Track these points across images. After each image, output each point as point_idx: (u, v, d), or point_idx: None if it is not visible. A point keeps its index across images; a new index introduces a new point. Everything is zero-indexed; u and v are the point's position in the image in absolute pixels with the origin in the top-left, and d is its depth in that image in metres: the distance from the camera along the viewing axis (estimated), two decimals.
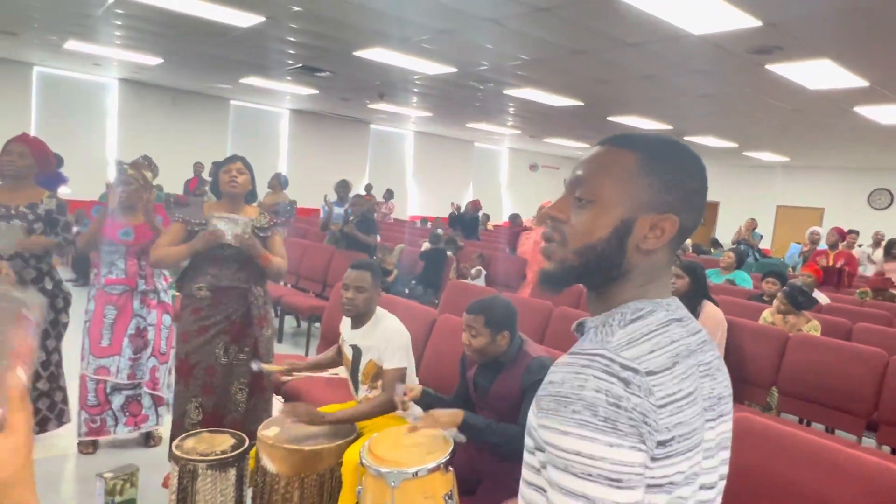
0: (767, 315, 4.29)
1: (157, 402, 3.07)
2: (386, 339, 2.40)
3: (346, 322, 2.55)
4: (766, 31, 4.45)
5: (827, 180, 13.64)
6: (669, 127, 9.90)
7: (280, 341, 5.60)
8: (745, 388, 3.58)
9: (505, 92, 8.29)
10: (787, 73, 5.61)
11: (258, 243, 2.64)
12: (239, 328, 2.72)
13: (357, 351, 2.48)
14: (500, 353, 2.06)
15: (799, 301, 4.05)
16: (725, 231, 13.88)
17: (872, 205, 13.11)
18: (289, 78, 8.97)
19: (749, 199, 14.71)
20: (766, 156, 12.31)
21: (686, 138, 10.94)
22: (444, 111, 10.99)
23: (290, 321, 6.21)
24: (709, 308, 3.52)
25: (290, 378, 3.16)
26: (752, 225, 10.79)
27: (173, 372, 2.80)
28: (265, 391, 2.82)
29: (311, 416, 2.20)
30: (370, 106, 11.06)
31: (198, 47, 7.35)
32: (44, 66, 10.10)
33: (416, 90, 8.93)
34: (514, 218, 8.35)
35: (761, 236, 10.21)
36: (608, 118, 9.74)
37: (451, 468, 1.84)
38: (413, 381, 2.52)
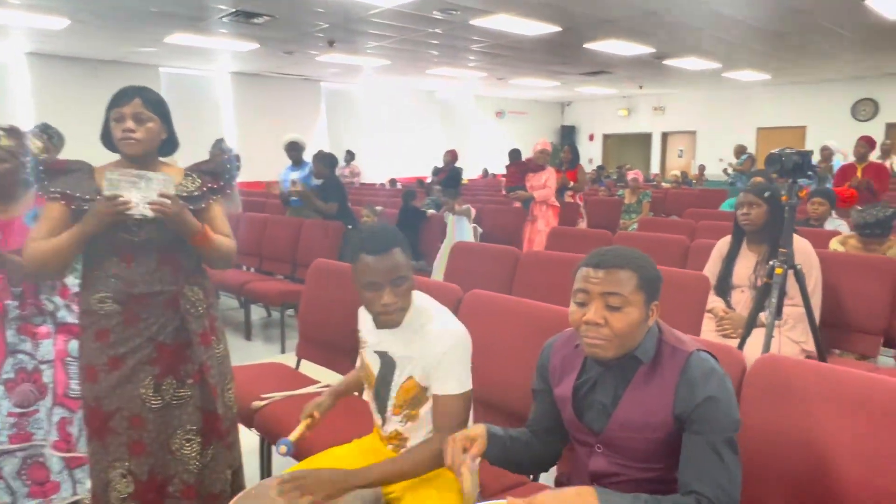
0: (836, 244, 3.54)
1: (72, 463, 2.14)
2: (437, 346, 1.49)
3: (366, 316, 1.63)
4: None
5: (809, 96, 13.01)
6: (651, 49, 9.03)
7: (249, 338, 4.67)
8: (846, 335, 2.83)
9: (472, 22, 7.27)
10: None
11: (188, 210, 1.72)
12: (172, 353, 1.80)
13: (387, 361, 1.58)
14: (637, 346, 1.21)
15: (877, 233, 3.34)
16: (705, 162, 13.25)
17: (857, 116, 12.56)
18: (223, 31, 7.77)
19: (728, 123, 14.06)
20: (747, 75, 11.56)
21: (667, 62, 10.12)
22: (403, 57, 9.88)
23: (257, 311, 5.27)
24: (797, 242, 2.72)
25: (263, 404, 2.27)
26: (741, 150, 10.11)
27: None
28: (226, 435, 1.92)
29: (335, 487, 1.34)
30: (319, 59, 9.88)
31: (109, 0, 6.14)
32: None
33: (371, 31, 7.83)
34: (515, 154, 7.41)
35: (750, 156, 9.57)
36: (585, 45, 8.81)
37: None
38: None
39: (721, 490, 1.08)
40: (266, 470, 2.37)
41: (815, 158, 6.78)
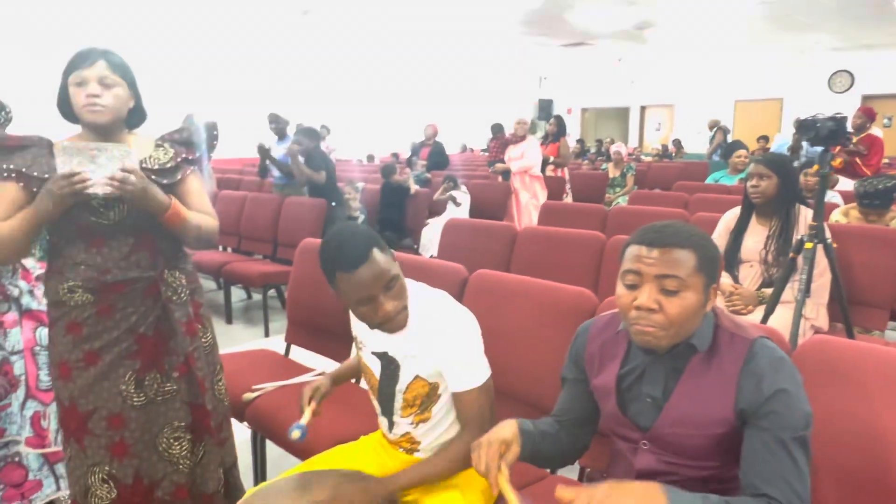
0: (839, 216, 3.48)
1: (51, 458, 1.96)
2: (443, 339, 1.33)
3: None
4: None
5: (786, 67, 13.03)
6: (634, 18, 8.88)
7: (230, 321, 4.48)
8: (853, 308, 2.77)
9: None
10: None
11: (154, 186, 1.51)
12: (154, 344, 1.62)
13: (389, 362, 1.42)
14: (693, 333, 1.07)
15: (875, 204, 3.28)
16: (683, 136, 13.24)
17: (833, 88, 12.63)
18: None
19: (705, 96, 14.04)
20: (725, 45, 11.50)
21: (647, 32, 9.99)
22: (379, 28, 9.57)
23: (236, 293, 5.06)
24: (808, 214, 2.64)
25: (255, 395, 2.11)
26: (714, 125, 10.03)
27: None
28: (218, 431, 1.76)
29: (371, 498, 1.24)
30: (293, 27, 9.52)
31: None
32: None
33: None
34: (497, 128, 7.23)
35: (721, 129, 9.51)
36: (565, 15, 8.62)
37: None
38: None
39: (794, 494, 0.96)
40: (260, 466, 2.22)
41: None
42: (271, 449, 2.13)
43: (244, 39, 10.76)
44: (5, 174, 1.49)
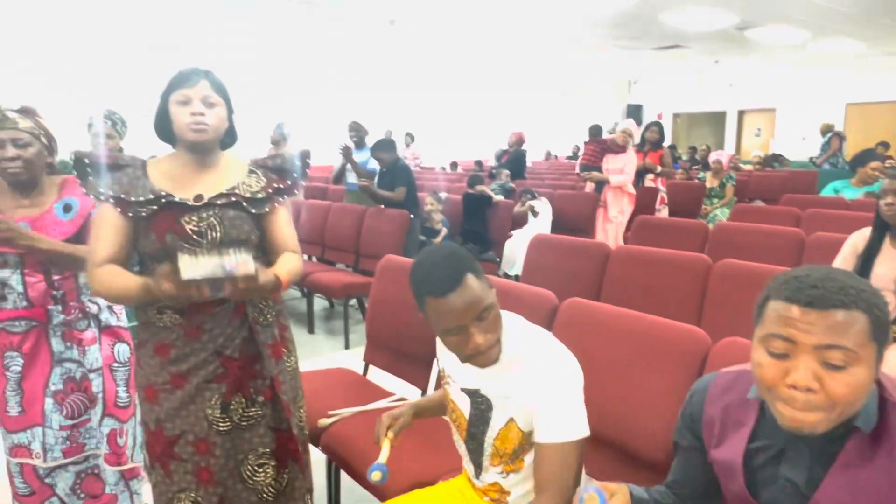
0: None
1: (127, 474, 1.98)
2: (541, 381, 1.19)
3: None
4: None
5: None
6: (736, 19, 8.33)
7: (312, 331, 4.51)
8: None
9: None
10: None
11: (265, 274, 1.43)
12: (240, 368, 1.59)
13: (481, 402, 1.29)
14: (857, 413, 0.86)
15: None
16: (785, 142, 12.33)
17: None
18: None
19: (812, 100, 13.02)
20: (841, 43, 10.58)
21: (749, 33, 9.35)
22: (463, 33, 9.52)
23: (318, 302, 5.11)
24: None
25: (332, 421, 2.04)
26: (827, 129, 9.19)
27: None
28: (301, 457, 1.71)
29: None
30: (377, 37, 9.65)
31: None
32: None
33: (429, 6, 7.52)
34: (596, 130, 6.92)
35: (837, 135, 8.70)
36: (660, 17, 8.21)
37: None
38: None
39: None
40: (334, 496, 2.16)
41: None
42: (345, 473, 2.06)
43: (334, 50, 11.04)
44: (102, 197, 1.50)
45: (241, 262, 1.34)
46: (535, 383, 1.19)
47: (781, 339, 0.85)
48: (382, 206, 4.59)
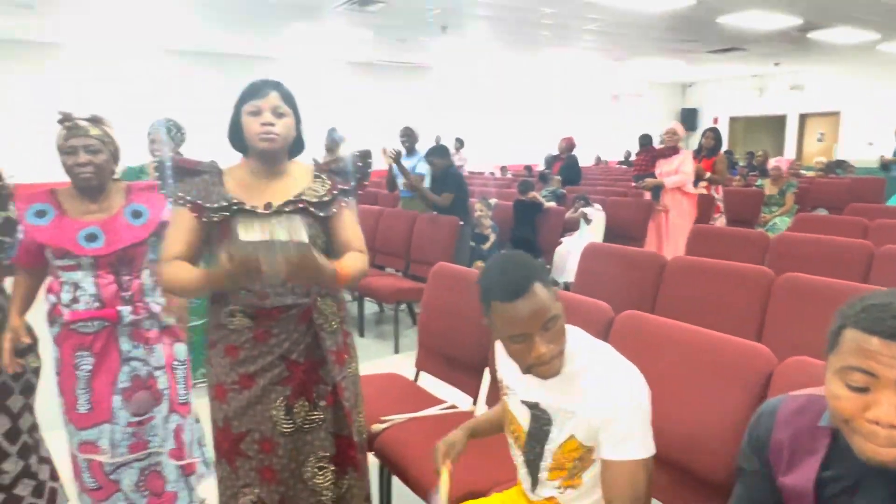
0: None
1: (186, 470, 2.06)
2: (608, 398, 1.18)
3: (505, 354, 1.30)
4: None
5: None
6: (798, 20, 8.03)
7: (362, 335, 4.59)
8: None
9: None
10: None
11: (323, 261, 1.46)
12: (304, 372, 1.65)
13: (540, 415, 1.29)
14: None
15: None
16: (850, 148, 11.78)
17: None
18: (338, 20, 7.79)
19: (880, 102, 12.40)
20: None
21: (812, 35, 9.00)
22: (515, 40, 9.50)
23: (369, 305, 5.19)
24: None
25: (384, 427, 2.08)
26: None
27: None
28: (361, 463, 1.76)
29: None
30: (430, 46, 9.73)
31: None
32: None
33: (483, 13, 7.54)
34: (646, 139, 6.81)
35: None
36: (719, 19, 7.99)
37: None
38: None
39: None
40: (386, 500, 2.19)
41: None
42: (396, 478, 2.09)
43: (386, 57, 11.21)
44: (181, 202, 1.57)
45: (293, 227, 1.39)
46: (602, 399, 1.18)
47: (861, 372, 0.82)
48: (434, 213, 4.63)
